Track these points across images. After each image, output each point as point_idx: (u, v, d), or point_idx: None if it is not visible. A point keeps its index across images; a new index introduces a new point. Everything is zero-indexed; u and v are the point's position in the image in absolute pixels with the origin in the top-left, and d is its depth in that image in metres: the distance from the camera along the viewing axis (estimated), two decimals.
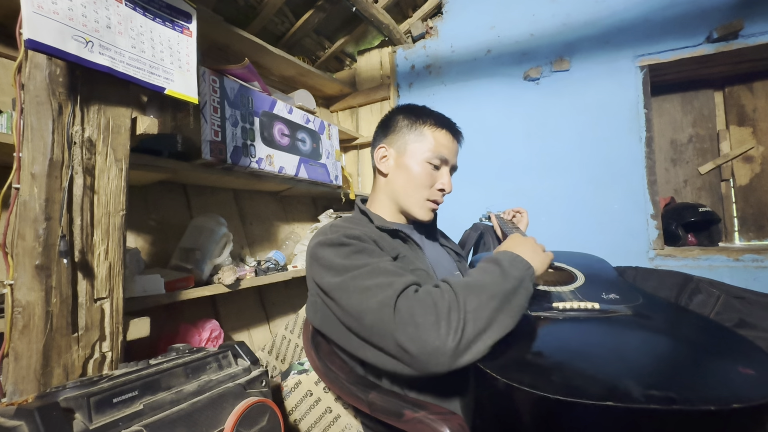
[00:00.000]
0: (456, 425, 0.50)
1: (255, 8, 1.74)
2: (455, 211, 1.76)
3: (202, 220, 1.26)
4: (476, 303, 0.54)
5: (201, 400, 0.70)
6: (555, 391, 0.40)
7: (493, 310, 0.53)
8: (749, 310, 0.84)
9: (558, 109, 1.77)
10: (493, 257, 0.64)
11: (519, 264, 0.61)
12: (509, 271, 0.59)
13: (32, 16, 0.67)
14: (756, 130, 1.85)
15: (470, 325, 0.51)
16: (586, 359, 0.48)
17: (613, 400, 0.38)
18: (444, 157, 0.81)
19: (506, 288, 0.56)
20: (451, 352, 0.50)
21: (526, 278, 0.59)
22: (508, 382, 0.43)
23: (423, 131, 0.82)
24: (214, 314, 1.42)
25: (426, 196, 0.82)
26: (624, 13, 1.65)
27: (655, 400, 0.37)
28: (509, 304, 0.56)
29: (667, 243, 1.67)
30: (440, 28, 2.05)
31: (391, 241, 0.75)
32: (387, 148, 0.85)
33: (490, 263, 0.63)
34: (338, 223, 0.77)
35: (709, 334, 0.53)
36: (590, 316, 0.60)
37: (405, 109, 0.87)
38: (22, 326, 0.67)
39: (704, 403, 0.37)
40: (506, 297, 0.56)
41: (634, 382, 0.40)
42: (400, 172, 0.83)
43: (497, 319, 0.53)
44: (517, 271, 0.59)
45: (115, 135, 0.82)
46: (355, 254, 0.65)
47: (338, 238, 0.67)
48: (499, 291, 0.56)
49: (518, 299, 0.57)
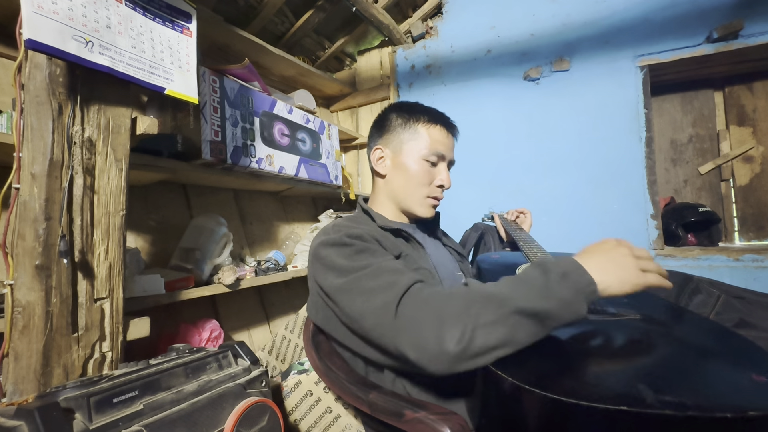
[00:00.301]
0: (456, 425, 0.50)
1: (255, 8, 1.74)
2: (456, 211, 1.76)
3: (202, 220, 1.26)
4: (493, 317, 0.48)
5: (201, 400, 0.70)
6: (568, 395, 0.39)
7: (512, 327, 0.47)
8: (749, 310, 0.84)
9: (558, 109, 1.77)
10: (544, 262, 0.53)
11: (573, 280, 0.49)
12: (554, 288, 0.49)
13: (32, 16, 0.67)
14: (756, 130, 1.85)
15: (480, 339, 0.47)
16: (598, 362, 0.47)
17: (627, 404, 0.37)
18: (440, 153, 0.81)
19: (542, 307, 0.47)
20: (451, 358, 0.48)
21: (578, 300, 0.48)
22: (519, 383, 0.43)
23: (417, 129, 0.81)
24: (214, 314, 1.42)
25: (426, 193, 0.82)
26: (624, 13, 1.65)
27: (670, 406, 0.37)
28: (539, 326, 0.48)
29: (667, 243, 1.67)
30: (440, 28, 2.05)
31: (394, 240, 0.75)
32: (383, 148, 0.85)
33: (536, 269, 0.52)
34: (341, 222, 0.77)
35: (721, 341, 0.53)
36: (600, 319, 0.59)
37: (397, 107, 0.86)
38: (22, 326, 0.67)
39: (719, 410, 0.36)
40: (538, 318, 0.48)
41: (647, 386, 0.40)
42: (398, 171, 0.82)
43: (516, 338, 0.47)
44: (567, 290, 0.48)
45: (115, 135, 0.82)
46: (357, 254, 0.64)
47: (340, 238, 0.66)
48: (529, 308, 0.48)
49: (555, 322, 0.48)
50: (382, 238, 0.71)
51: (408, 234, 0.77)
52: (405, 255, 0.72)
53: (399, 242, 0.76)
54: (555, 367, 0.47)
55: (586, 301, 0.49)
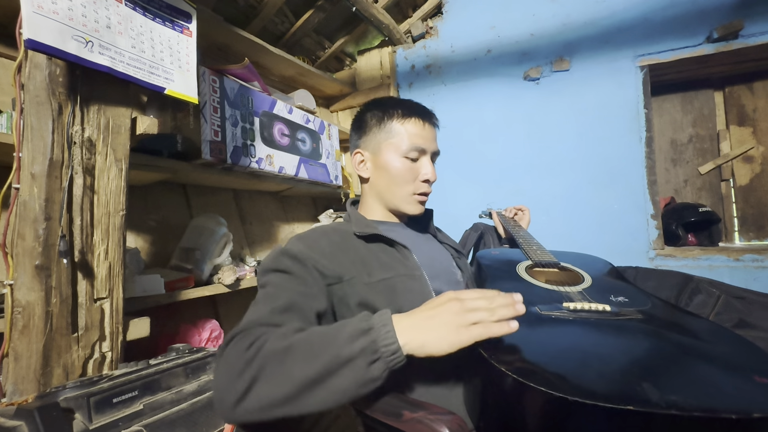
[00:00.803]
0: (455, 425, 0.50)
1: (255, 8, 1.74)
2: (455, 210, 1.76)
3: (202, 220, 1.26)
4: (283, 369, 0.45)
5: (201, 400, 0.70)
6: (573, 393, 0.39)
7: (296, 383, 0.44)
8: (749, 310, 0.84)
9: (558, 109, 1.77)
10: (359, 316, 0.50)
11: (369, 336, 0.46)
12: (346, 342, 0.46)
13: (32, 16, 0.67)
14: (756, 130, 1.85)
15: (259, 390, 0.45)
16: (601, 361, 0.47)
17: (633, 404, 0.37)
18: (420, 147, 0.78)
19: (330, 360, 0.45)
20: (229, 408, 0.46)
21: (364, 355, 0.45)
22: (523, 381, 0.42)
23: (392, 126, 0.79)
24: (214, 314, 1.42)
25: (411, 190, 0.80)
26: (624, 13, 1.65)
27: (675, 406, 0.36)
28: (320, 385, 0.44)
29: (667, 243, 1.67)
30: (440, 28, 2.05)
31: (364, 247, 0.72)
32: (362, 152, 0.83)
33: (357, 320, 0.49)
34: (304, 234, 0.74)
35: (722, 342, 0.52)
36: (601, 317, 0.58)
37: (372, 105, 0.84)
38: (22, 326, 0.67)
39: (724, 411, 0.36)
40: (322, 372, 0.44)
41: (652, 386, 0.40)
42: (380, 173, 0.80)
43: (301, 397, 0.45)
44: (358, 344, 0.45)
45: (115, 135, 0.82)
46: (273, 273, 0.64)
47: (277, 256, 0.66)
48: (318, 360, 0.45)
49: (338, 381, 0.45)
50: (341, 250, 0.69)
51: (389, 239, 0.74)
52: (370, 266, 0.69)
53: (375, 248, 0.73)
54: (558, 365, 0.46)
55: (385, 364, 0.45)
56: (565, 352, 0.50)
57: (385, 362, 0.45)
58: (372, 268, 0.69)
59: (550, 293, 0.69)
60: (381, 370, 0.45)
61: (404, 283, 0.69)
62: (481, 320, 0.47)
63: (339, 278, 0.67)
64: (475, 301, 0.49)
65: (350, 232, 0.75)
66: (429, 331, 0.47)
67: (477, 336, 0.46)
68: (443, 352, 0.47)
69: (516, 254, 0.91)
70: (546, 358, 0.48)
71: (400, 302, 0.66)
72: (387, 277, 0.69)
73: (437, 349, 0.47)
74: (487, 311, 0.48)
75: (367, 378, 0.45)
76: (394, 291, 0.67)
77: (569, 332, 0.55)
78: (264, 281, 0.64)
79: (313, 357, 0.46)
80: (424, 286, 0.70)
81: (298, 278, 0.63)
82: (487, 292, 0.51)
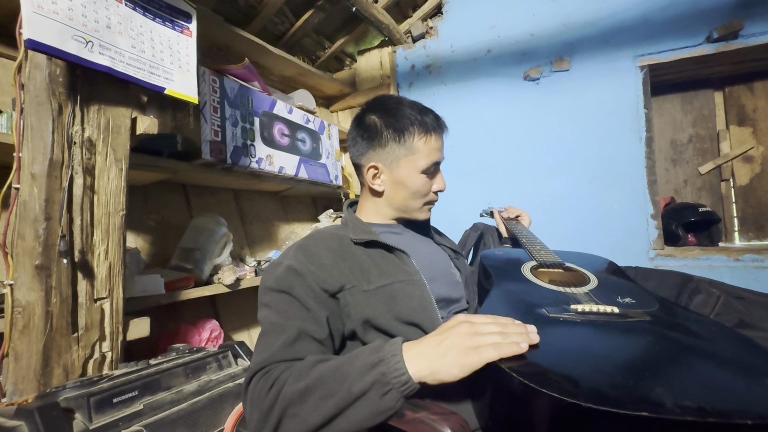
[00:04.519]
0: (457, 425, 0.50)
1: (255, 8, 1.74)
2: (455, 210, 1.76)
3: (202, 220, 1.26)
4: (303, 408, 0.50)
5: (201, 400, 0.70)
6: (585, 399, 0.38)
7: (319, 420, 0.48)
8: (749, 310, 0.84)
9: (558, 108, 1.77)
10: (370, 346, 0.52)
11: (379, 369, 0.48)
12: (357, 377, 0.48)
13: (32, 16, 0.67)
14: (756, 130, 1.85)
15: (287, 427, 0.50)
16: (613, 365, 0.46)
17: (647, 410, 0.36)
18: (437, 162, 0.79)
19: (344, 397, 0.48)
20: None
21: (375, 388, 0.47)
22: (532, 385, 0.41)
23: (413, 144, 0.77)
24: (214, 314, 1.42)
25: (425, 201, 0.82)
26: (624, 13, 1.65)
27: (690, 412, 0.36)
28: (339, 418, 0.48)
29: (667, 243, 1.67)
30: (440, 28, 2.05)
31: (363, 253, 0.72)
32: (377, 165, 0.79)
33: (367, 351, 0.51)
34: (304, 242, 0.73)
35: (732, 344, 0.52)
36: (609, 320, 0.57)
37: (381, 114, 0.80)
38: (22, 326, 0.67)
39: (739, 416, 0.35)
40: (340, 407, 0.48)
41: (665, 391, 0.39)
42: (397, 187, 0.79)
43: (325, 429, 0.49)
44: (369, 378, 0.48)
45: (115, 135, 0.82)
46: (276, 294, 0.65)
47: (277, 275, 0.66)
48: (334, 398, 0.48)
49: (355, 413, 0.48)
50: (338, 260, 0.69)
51: (388, 245, 0.74)
52: (369, 273, 0.69)
53: (374, 253, 0.73)
54: (568, 369, 0.46)
55: (391, 391, 0.47)
56: (575, 356, 0.49)
57: (398, 392, 0.47)
58: (371, 275, 0.69)
59: (557, 295, 0.68)
60: (395, 399, 0.47)
61: (403, 289, 0.69)
62: (492, 343, 0.47)
63: (341, 287, 0.67)
64: (486, 326, 0.50)
65: (348, 238, 0.74)
66: (439, 357, 0.47)
67: (488, 358, 0.46)
68: (455, 378, 0.47)
69: (520, 254, 0.91)
70: (556, 362, 0.47)
71: (400, 308, 0.66)
72: (386, 284, 0.69)
73: (449, 375, 0.47)
74: (500, 335, 0.48)
75: (381, 408, 0.47)
76: (393, 298, 0.67)
77: (579, 335, 0.54)
78: (267, 300, 0.65)
79: (329, 395, 0.48)
80: (423, 291, 0.70)
81: (300, 300, 0.64)
82: (500, 319, 0.51)
